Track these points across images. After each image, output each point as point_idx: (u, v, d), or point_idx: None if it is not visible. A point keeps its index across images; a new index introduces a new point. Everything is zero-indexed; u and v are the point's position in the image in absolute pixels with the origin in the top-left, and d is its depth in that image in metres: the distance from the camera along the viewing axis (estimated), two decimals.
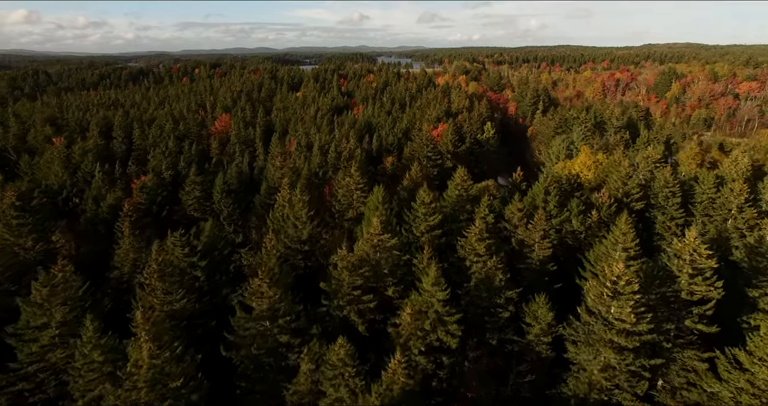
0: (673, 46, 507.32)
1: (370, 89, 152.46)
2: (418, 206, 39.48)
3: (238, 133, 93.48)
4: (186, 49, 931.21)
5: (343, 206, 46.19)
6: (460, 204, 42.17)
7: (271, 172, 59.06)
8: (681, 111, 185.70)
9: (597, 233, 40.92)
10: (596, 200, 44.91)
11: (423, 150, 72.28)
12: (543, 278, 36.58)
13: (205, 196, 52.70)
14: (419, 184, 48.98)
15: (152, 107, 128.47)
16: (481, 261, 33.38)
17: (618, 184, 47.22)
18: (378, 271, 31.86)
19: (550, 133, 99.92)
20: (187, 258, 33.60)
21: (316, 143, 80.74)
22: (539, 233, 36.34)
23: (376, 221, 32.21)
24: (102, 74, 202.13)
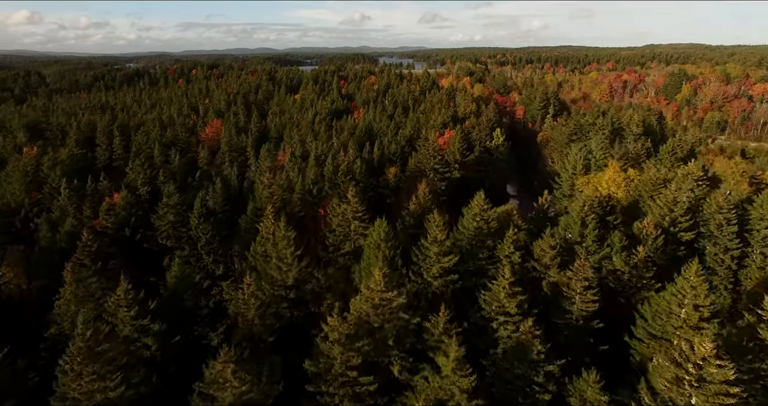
0: (677, 47, 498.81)
1: (372, 92, 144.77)
2: (429, 243, 31.92)
3: (229, 141, 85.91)
4: (187, 50, 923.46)
5: (339, 238, 38.62)
6: (479, 238, 34.59)
7: (260, 189, 51.51)
8: (693, 114, 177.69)
9: (644, 274, 33.29)
10: (639, 231, 37.30)
11: (430, 162, 64.72)
12: (585, 338, 29.00)
13: (181, 222, 45.15)
14: (427, 209, 41.43)
15: (142, 111, 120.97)
16: (512, 323, 25.82)
17: (663, 210, 39.64)
18: (380, 341, 24.33)
19: (563, 140, 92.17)
20: (136, 321, 26.05)
21: (312, 153, 73.15)
22: (581, 283, 28.71)
23: (379, 275, 24.67)
24: (96, 76, 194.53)
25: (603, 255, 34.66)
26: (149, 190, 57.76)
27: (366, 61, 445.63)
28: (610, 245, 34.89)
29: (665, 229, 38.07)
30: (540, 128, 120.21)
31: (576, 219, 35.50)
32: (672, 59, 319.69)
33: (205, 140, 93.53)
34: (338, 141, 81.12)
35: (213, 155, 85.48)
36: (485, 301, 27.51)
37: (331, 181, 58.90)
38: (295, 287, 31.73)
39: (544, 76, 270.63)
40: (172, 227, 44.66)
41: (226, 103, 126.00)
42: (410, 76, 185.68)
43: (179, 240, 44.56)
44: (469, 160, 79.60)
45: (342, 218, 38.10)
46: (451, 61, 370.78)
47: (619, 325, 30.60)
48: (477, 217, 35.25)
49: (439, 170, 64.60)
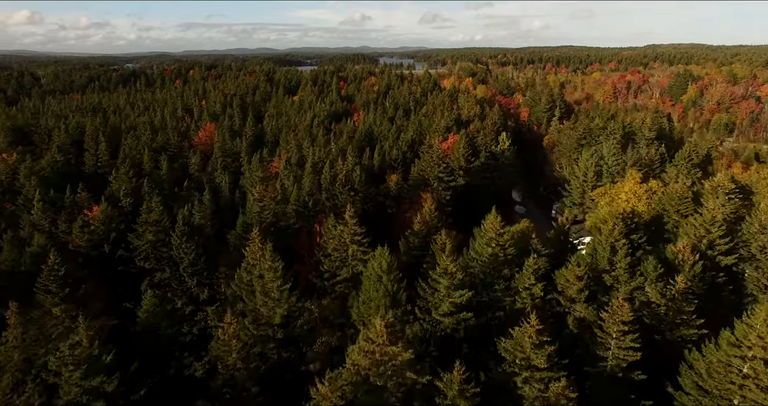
0: (678, 47, 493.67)
1: (372, 93, 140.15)
2: (438, 276, 27.38)
3: (223, 146, 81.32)
4: (187, 50, 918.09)
5: (335, 264, 34.06)
6: (495, 267, 30.08)
7: (250, 202, 47.00)
8: (699, 115, 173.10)
9: (683, 308, 28.78)
10: (674, 256, 32.74)
11: (434, 170, 60.18)
12: (623, 393, 24.47)
13: (162, 240, 40.59)
14: (433, 228, 36.91)
15: (135, 113, 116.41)
16: (540, 380, 21.31)
17: (699, 230, 35.06)
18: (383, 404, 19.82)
19: (572, 144, 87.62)
20: (86, 380, 21.48)
21: (309, 159, 68.61)
22: (618, 326, 24.18)
23: (380, 325, 20.16)
24: (91, 76, 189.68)
25: (636, 285, 30.14)
26: (132, 201, 53.11)
27: (366, 61, 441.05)
28: (644, 273, 30.37)
29: (702, 252, 33.58)
30: (546, 131, 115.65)
31: (604, 244, 30.94)
32: (675, 59, 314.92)
33: (198, 145, 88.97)
34: (337, 146, 76.58)
35: (207, 161, 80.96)
36: (506, 350, 22.99)
37: (329, 191, 54.38)
38: (284, 326, 27.24)
39: (546, 77, 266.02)
40: (151, 247, 40.12)
41: (222, 105, 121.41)
42: (411, 76, 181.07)
43: (159, 261, 40.03)
44: (474, 167, 75.09)
45: (339, 241, 33.58)
46: (452, 62, 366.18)
47: (658, 370, 26.13)
48: (492, 242, 30.73)
49: (443, 179, 60.08)
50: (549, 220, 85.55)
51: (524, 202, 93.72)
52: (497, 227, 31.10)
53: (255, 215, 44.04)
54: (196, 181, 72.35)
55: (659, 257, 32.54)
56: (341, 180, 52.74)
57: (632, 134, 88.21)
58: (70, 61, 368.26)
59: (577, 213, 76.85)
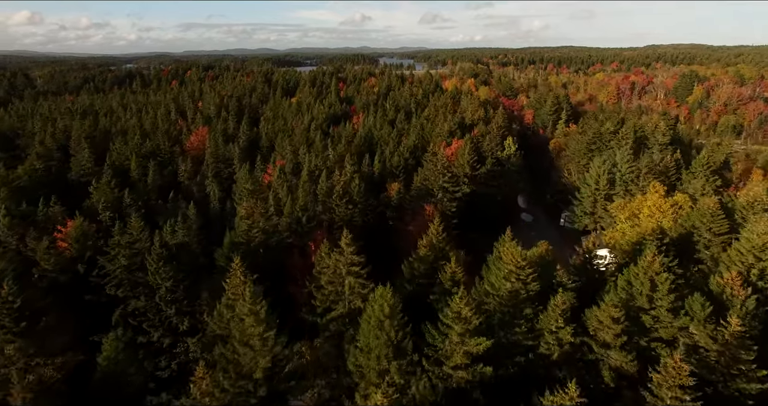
0: (678, 47, 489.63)
1: (372, 94, 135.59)
2: (450, 320, 22.82)
3: (215, 151, 76.69)
4: (188, 50, 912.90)
5: (329, 298, 29.38)
6: (515, 304, 25.53)
7: (238, 218, 42.45)
8: (705, 117, 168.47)
9: (740, 356, 24.23)
10: (719, 289, 28.14)
11: (438, 180, 55.60)
12: None
13: (137, 264, 36.02)
14: (440, 252, 32.35)
15: (127, 116, 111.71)
16: None
17: (747, 258, 30.47)
18: None
19: (581, 149, 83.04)
20: None
21: (305, 167, 64.05)
22: (673, 392, 19.59)
23: (382, 401, 15.58)
24: (86, 77, 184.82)
25: (680, 325, 25.57)
26: (112, 215, 48.55)
27: (366, 61, 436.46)
28: (689, 312, 25.81)
29: (753, 284, 29.01)
30: (551, 134, 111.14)
31: (642, 278, 26.27)
32: (677, 60, 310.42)
33: (190, 150, 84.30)
34: (335, 153, 71.98)
35: (198, 169, 76.28)
36: None
37: (325, 204, 49.82)
38: (268, 379, 22.68)
39: (548, 78, 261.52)
40: (126, 271, 35.54)
41: (217, 107, 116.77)
42: (411, 77, 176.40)
43: (134, 288, 35.43)
44: (480, 174, 70.59)
45: (334, 272, 28.96)
46: (453, 62, 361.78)
47: None
48: (512, 276, 26.13)
49: (448, 189, 55.52)
50: (557, 229, 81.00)
51: (530, 209, 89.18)
52: (517, 258, 26.42)
53: (242, 233, 39.48)
54: (185, 191, 67.78)
55: (701, 289, 27.96)
56: (338, 192, 48.15)
57: (644, 139, 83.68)
58: (68, 62, 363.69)
59: (587, 223, 72.36)
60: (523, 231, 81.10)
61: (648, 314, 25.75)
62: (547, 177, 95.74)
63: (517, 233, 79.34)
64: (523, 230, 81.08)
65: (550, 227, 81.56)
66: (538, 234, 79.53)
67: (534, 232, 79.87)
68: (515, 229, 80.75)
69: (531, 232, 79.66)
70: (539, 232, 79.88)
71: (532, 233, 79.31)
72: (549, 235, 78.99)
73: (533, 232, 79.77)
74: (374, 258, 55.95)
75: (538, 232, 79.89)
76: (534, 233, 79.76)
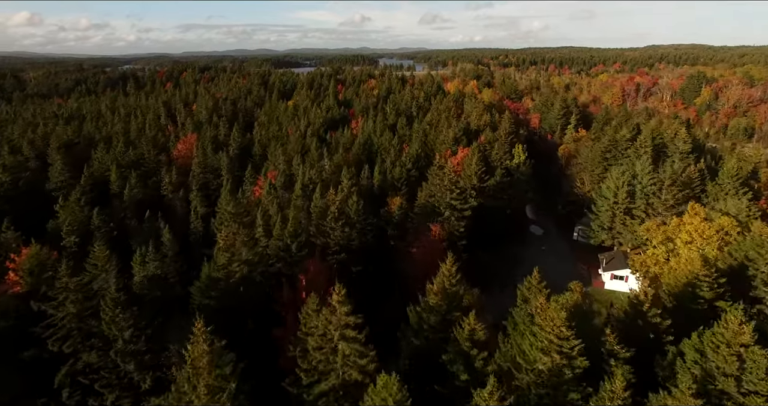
0: (679, 47, 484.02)
1: (371, 97, 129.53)
2: None
3: (203, 161, 70.63)
4: (187, 51, 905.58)
5: (317, 368, 22.98)
6: (557, 387, 19.50)
7: (217, 251, 36.37)
8: (714, 119, 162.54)
9: None
10: None
11: (445, 196, 49.57)
12: None
13: (91, 309, 29.99)
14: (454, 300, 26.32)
15: (115, 121, 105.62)
16: None
17: None
18: None
19: (595, 158, 76.97)
20: None
21: (298, 180, 58.03)
22: None
23: None
24: (78, 79, 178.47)
25: None
26: (78, 240, 42.50)
27: (366, 62, 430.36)
28: None
29: None
30: (560, 140, 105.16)
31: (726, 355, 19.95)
32: (680, 60, 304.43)
33: (178, 159, 78.25)
34: (331, 163, 65.94)
35: (186, 178, 70.10)
36: None
37: (319, 227, 43.82)
38: None
39: (550, 79, 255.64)
40: (76, 319, 29.50)
41: (210, 111, 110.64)
42: (412, 79, 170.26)
43: (86, 340, 29.38)
44: (489, 186, 64.62)
45: (323, 336, 22.73)
46: (453, 63, 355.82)
47: None
48: (551, 349, 19.97)
49: (456, 207, 49.48)
50: (569, 242, 74.97)
51: (540, 220, 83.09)
52: (560, 327, 20.16)
53: (221, 268, 33.48)
54: (168, 205, 61.75)
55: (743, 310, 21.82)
56: (334, 214, 42.14)
57: (663, 146, 77.67)
58: (65, 63, 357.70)
59: (605, 238, 66.33)
60: (533, 245, 75.24)
61: (733, 400, 19.58)
62: (556, 186, 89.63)
63: (527, 247, 73.77)
64: (534, 244, 75.15)
65: (561, 241, 75.53)
66: (549, 248, 73.65)
67: (545, 246, 73.91)
68: (525, 243, 75.16)
69: (542, 246, 73.74)
70: (550, 246, 73.93)
71: (542, 248, 73.41)
72: (561, 249, 73.11)
73: (544, 246, 73.82)
74: (373, 286, 50.32)
75: (550, 246, 73.95)
76: (545, 247, 73.79)
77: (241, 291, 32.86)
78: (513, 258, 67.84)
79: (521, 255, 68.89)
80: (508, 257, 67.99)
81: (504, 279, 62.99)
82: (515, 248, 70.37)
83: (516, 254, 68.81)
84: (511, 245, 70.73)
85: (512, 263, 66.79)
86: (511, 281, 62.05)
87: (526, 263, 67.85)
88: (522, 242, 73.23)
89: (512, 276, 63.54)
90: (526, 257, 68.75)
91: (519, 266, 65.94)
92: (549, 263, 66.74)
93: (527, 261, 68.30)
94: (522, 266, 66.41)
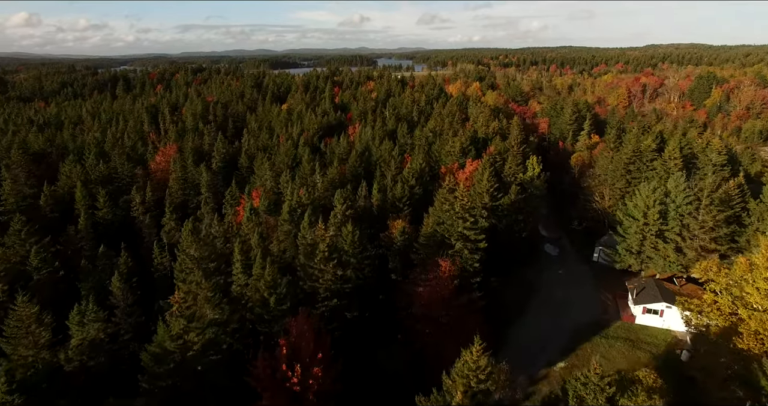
0: (679, 47, 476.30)
1: (370, 101, 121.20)
2: None
3: (181, 176, 62.43)
4: (186, 51, 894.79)
5: None
6: None
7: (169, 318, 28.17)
8: (727, 122, 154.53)
9: None
10: None
11: (457, 226, 41.42)
12: None
13: None
14: None
15: (95, 127, 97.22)
16: None
17: None
18: None
19: (617, 170, 68.93)
20: None
21: (286, 202, 49.85)
22: None
23: None
24: (64, 81, 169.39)
25: None
26: (4, 288, 34.23)
27: (364, 62, 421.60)
28: None
29: None
30: (572, 147, 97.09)
31: None
32: (684, 60, 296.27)
33: (156, 172, 70.04)
34: (324, 180, 57.75)
35: (160, 199, 61.77)
36: None
37: (306, 269, 35.67)
38: None
39: (552, 79, 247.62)
40: None
41: (196, 117, 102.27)
42: (413, 81, 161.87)
43: None
44: (503, 206, 56.59)
45: None
46: (453, 63, 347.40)
47: None
48: None
49: (470, 238, 41.32)
50: (589, 264, 66.72)
51: (554, 238, 74.79)
52: None
53: (174, 339, 25.32)
54: (138, 231, 53.53)
55: None
56: (323, 253, 33.99)
57: (692, 157, 69.63)
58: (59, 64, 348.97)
59: (632, 263, 58.26)
60: (549, 268, 66.85)
61: None
62: (571, 198, 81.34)
63: (542, 270, 65.31)
64: (550, 267, 66.76)
65: (580, 263, 67.25)
66: (567, 272, 65.22)
67: (562, 269, 65.50)
68: (539, 265, 66.62)
69: (558, 269, 65.33)
70: (568, 269, 65.52)
71: (559, 271, 64.98)
72: (580, 274, 64.66)
73: (561, 269, 65.40)
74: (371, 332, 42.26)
75: (567, 269, 65.52)
76: (562, 270, 65.43)
77: (200, 371, 24.71)
78: (528, 285, 59.82)
79: (536, 281, 60.87)
80: (522, 284, 59.86)
81: (520, 308, 55.19)
82: (529, 272, 62.34)
83: (531, 280, 60.81)
84: (524, 268, 62.62)
85: (527, 291, 58.78)
86: (527, 312, 54.27)
87: (542, 290, 59.72)
88: (536, 265, 64.93)
89: (527, 307, 55.70)
90: (542, 283, 60.67)
91: (535, 295, 57.92)
92: (568, 290, 58.76)
93: (543, 288, 60.16)
94: (538, 295, 58.35)
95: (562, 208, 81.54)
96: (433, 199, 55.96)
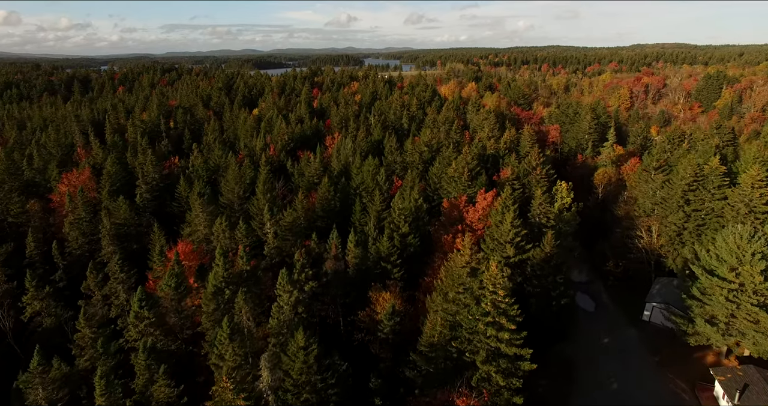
0: (664, 46, 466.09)
1: (353, 105, 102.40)
2: None
3: (80, 219, 43.27)
4: (171, 51, 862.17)
5: None
6: None
7: None
8: (742, 125, 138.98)
9: None
10: None
11: (483, 331, 23.37)
12: None
13: None
14: None
15: (11, 140, 76.73)
16: None
17: None
18: None
19: (672, 199, 51.42)
20: None
21: (211, 277, 31.13)
22: None
23: None
24: (8, 83, 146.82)
25: None
26: None
27: (351, 62, 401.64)
28: None
29: None
30: (591, 159, 79.66)
31: None
32: (679, 59, 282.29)
33: (59, 208, 50.61)
34: (289, 217, 39.13)
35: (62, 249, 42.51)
36: None
37: None
38: None
39: (546, 79, 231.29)
40: None
41: (144, 128, 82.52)
42: (401, 81, 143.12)
43: None
44: (532, 260, 38.74)
45: None
46: (442, 63, 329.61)
47: None
48: None
49: (506, 354, 23.36)
50: (636, 326, 48.37)
51: (585, 283, 56.72)
52: None
53: None
54: None
55: None
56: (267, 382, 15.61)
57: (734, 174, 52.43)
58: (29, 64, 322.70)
59: (716, 339, 40.35)
60: (588, 334, 46.28)
61: None
62: (599, 227, 63.58)
63: (580, 339, 43.69)
64: (589, 332, 46.86)
65: (625, 323, 48.76)
66: (612, 340, 47.01)
67: (602, 332, 47.31)
68: (576, 329, 45.70)
69: (601, 335, 46.95)
70: (612, 335, 46.85)
71: (605, 340, 46.92)
72: (630, 343, 45.21)
73: (602, 333, 47.15)
74: None
75: (611, 334, 46.99)
76: (603, 334, 47.45)
77: None
78: (566, 367, 41.34)
79: (576, 359, 42.26)
80: (559, 365, 41.39)
81: None
82: (565, 347, 43.82)
83: (569, 359, 42.35)
84: (557, 340, 44.25)
85: (566, 378, 40.37)
86: None
87: (587, 375, 40.95)
88: (572, 333, 46.23)
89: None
90: (584, 363, 41.59)
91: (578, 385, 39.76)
92: (623, 375, 40.67)
93: (587, 372, 41.03)
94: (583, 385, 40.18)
95: (590, 240, 63.53)
96: (433, 244, 38.01)
